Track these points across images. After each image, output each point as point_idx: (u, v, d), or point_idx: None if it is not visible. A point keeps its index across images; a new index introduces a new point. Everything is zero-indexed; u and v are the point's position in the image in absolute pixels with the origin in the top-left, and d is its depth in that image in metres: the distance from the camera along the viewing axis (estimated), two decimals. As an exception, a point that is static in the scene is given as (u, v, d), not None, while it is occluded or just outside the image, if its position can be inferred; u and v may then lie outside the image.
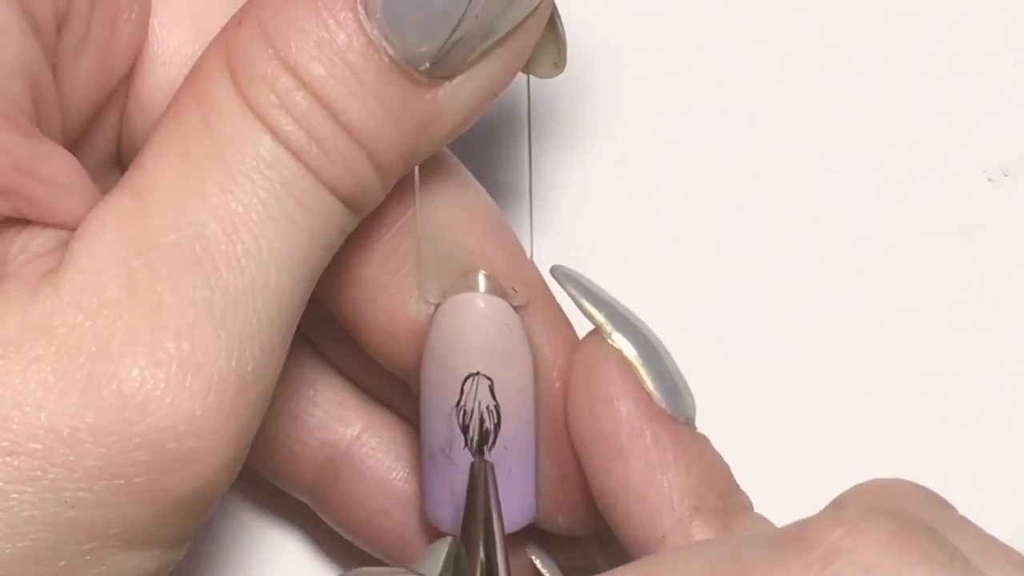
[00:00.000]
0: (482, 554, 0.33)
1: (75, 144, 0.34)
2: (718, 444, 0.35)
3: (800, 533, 0.28)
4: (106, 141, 0.35)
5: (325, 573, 0.41)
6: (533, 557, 0.38)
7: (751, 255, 0.41)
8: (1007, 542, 0.31)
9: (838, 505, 0.33)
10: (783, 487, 0.40)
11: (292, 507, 0.40)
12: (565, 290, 0.35)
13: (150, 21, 0.34)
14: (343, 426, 0.38)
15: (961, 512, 0.33)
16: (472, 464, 0.34)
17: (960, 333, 0.41)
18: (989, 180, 0.41)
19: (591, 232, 0.41)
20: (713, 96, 0.41)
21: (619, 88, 0.41)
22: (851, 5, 0.41)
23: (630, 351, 0.35)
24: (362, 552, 0.39)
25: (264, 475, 0.39)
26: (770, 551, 0.28)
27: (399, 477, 0.38)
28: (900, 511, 0.28)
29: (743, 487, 0.35)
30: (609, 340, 0.35)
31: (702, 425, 0.35)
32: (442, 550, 0.32)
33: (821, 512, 0.31)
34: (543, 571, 0.38)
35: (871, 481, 0.33)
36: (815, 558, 0.27)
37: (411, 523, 0.38)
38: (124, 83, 0.35)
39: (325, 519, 0.39)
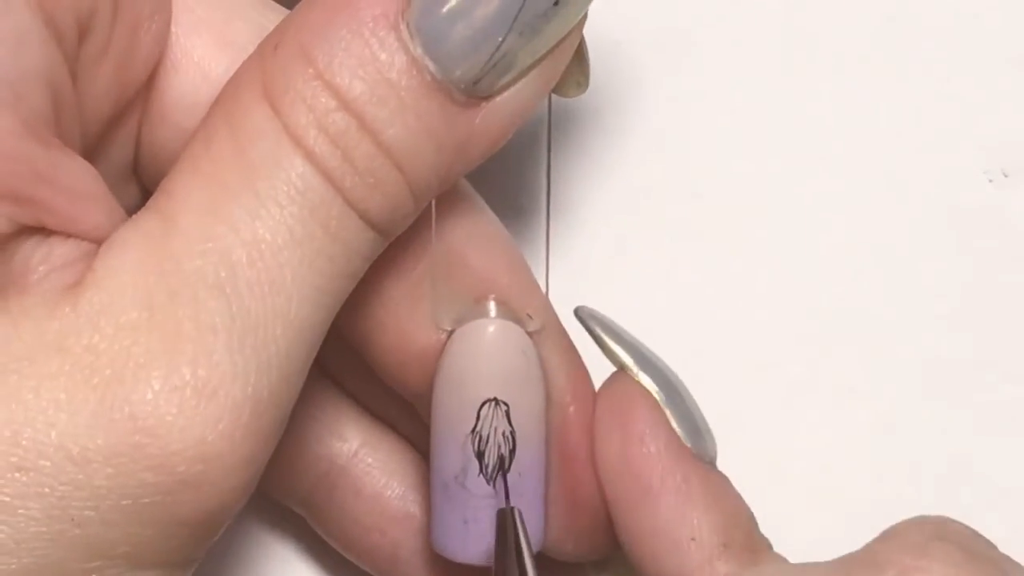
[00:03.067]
0: None
1: (91, 153, 0.33)
2: (724, 446, 0.35)
3: (870, 557, 0.28)
4: (122, 150, 0.35)
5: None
6: None
7: (750, 254, 0.41)
8: (1006, 542, 0.31)
9: (892, 535, 0.33)
10: (785, 485, 0.40)
11: (290, 515, 0.40)
12: (589, 329, 0.35)
13: (172, 30, 0.34)
14: (341, 441, 0.38)
15: (960, 515, 0.33)
16: (498, 513, 0.34)
17: (960, 333, 0.41)
18: (989, 180, 0.41)
19: (606, 256, 0.41)
20: (721, 105, 0.41)
21: (638, 106, 0.41)
22: (852, 5, 0.41)
23: (654, 391, 0.35)
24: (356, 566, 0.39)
25: (261, 487, 0.38)
26: (843, 572, 0.28)
27: (395, 495, 0.38)
28: (960, 541, 0.28)
29: (746, 487, 0.35)
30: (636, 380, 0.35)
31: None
32: None
33: (877, 539, 0.32)
34: None
35: (917, 518, 0.33)
36: None
37: (404, 542, 0.38)
38: (142, 92, 0.34)
39: (320, 532, 0.39)
